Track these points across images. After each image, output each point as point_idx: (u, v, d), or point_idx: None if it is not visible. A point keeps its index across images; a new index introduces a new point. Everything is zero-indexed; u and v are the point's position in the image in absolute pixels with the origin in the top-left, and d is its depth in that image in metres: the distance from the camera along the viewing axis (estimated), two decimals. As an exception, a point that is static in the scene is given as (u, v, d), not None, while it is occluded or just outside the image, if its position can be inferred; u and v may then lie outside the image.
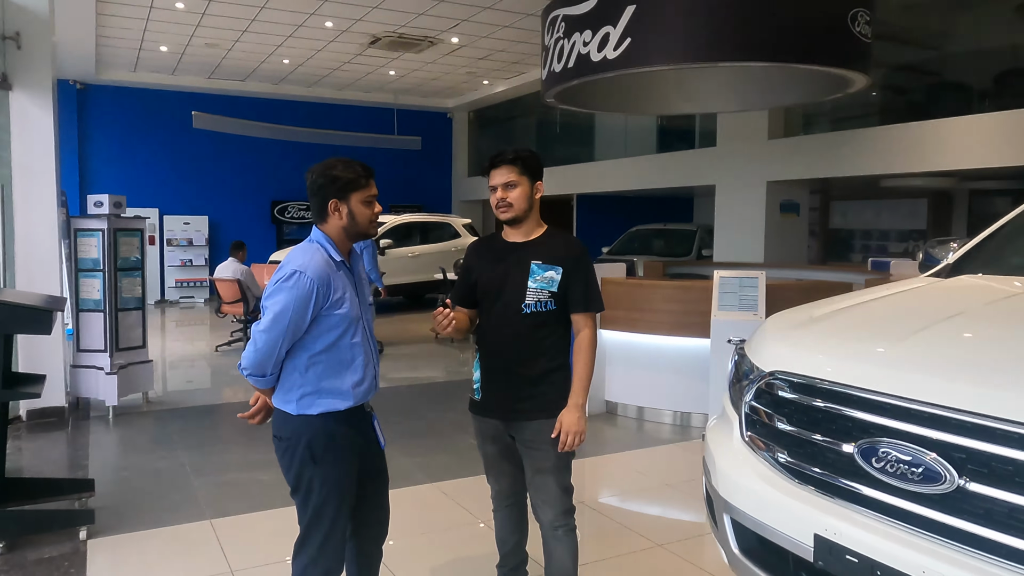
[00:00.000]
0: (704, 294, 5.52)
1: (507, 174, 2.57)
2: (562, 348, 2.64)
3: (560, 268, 2.57)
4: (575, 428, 2.52)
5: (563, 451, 2.54)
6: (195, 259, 14.90)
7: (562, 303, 2.59)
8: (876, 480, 1.78)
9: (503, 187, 2.57)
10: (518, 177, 2.57)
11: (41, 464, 4.87)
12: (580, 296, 2.60)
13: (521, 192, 2.57)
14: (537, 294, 2.56)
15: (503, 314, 2.58)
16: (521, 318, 2.56)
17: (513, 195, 2.57)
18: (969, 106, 8.72)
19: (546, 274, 2.57)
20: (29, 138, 5.73)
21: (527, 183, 2.59)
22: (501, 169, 2.58)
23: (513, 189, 2.57)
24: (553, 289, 2.56)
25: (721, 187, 10.95)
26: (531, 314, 2.56)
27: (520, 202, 2.57)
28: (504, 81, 14.46)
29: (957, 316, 2.15)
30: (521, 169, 2.58)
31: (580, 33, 5.47)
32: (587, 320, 2.62)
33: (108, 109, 14.31)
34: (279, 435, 2.38)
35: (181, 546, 3.62)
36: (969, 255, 2.80)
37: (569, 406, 2.55)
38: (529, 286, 2.56)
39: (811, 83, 6.18)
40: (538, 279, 2.56)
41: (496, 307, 2.60)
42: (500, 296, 2.60)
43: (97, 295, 6.01)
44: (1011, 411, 1.58)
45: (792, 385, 2.06)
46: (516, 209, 2.58)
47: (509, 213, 2.59)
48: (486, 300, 2.63)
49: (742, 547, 2.14)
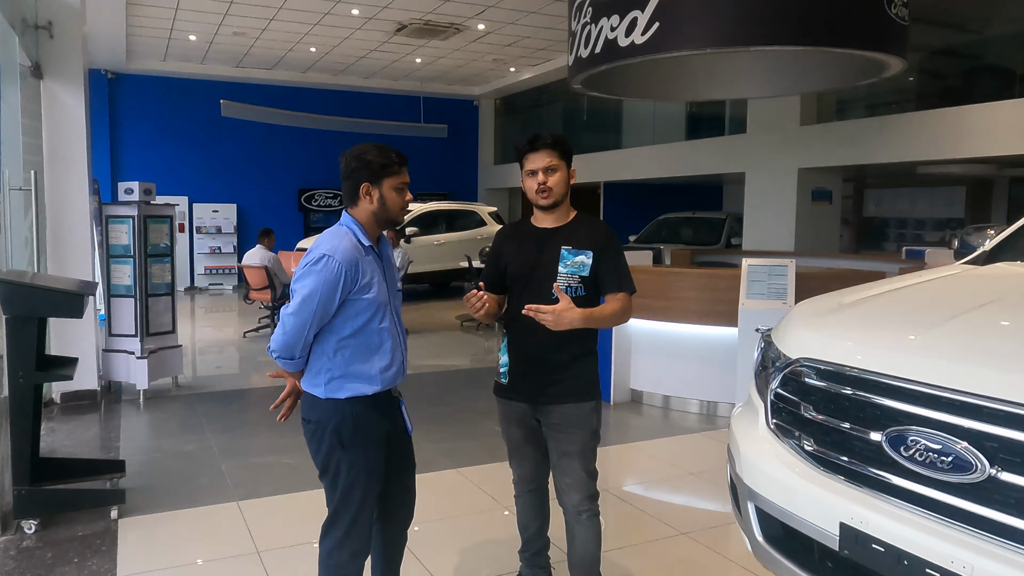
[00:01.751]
0: (732, 282, 5.45)
1: (548, 158, 2.54)
2: (591, 334, 2.62)
3: (591, 253, 2.55)
4: (563, 313, 2.38)
5: (528, 312, 2.40)
6: (224, 246, 15.09)
7: (592, 288, 2.58)
8: (904, 469, 1.74)
9: (544, 171, 2.54)
10: (558, 161, 2.55)
11: (74, 445, 4.99)
12: (612, 279, 2.58)
13: (561, 177, 2.56)
14: (567, 279, 2.54)
15: (533, 299, 2.55)
16: (551, 303, 2.54)
17: (553, 179, 2.54)
18: (1010, 90, 8.45)
19: (577, 259, 2.55)
20: (61, 126, 5.83)
21: (565, 168, 2.58)
22: (541, 153, 2.54)
23: (554, 174, 2.54)
24: (584, 274, 2.55)
25: (751, 174, 10.79)
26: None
27: (559, 187, 2.55)
28: (531, 68, 14.37)
29: (991, 304, 2.09)
30: (560, 154, 2.56)
31: (607, 18, 5.39)
32: (622, 299, 2.58)
33: (138, 98, 14.51)
34: (308, 418, 2.39)
35: (209, 526, 3.68)
36: (1006, 242, 2.72)
37: (576, 309, 2.42)
38: (560, 271, 2.55)
39: (845, 67, 6.04)
40: (568, 264, 2.55)
41: (526, 292, 2.58)
42: (530, 281, 2.58)
43: (128, 281, 6.11)
44: (1048, 399, 1.53)
45: (819, 372, 2.02)
46: (556, 194, 2.56)
47: (550, 198, 2.56)
48: (516, 285, 2.62)
49: (766, 535, 2.11)
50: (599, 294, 2.61)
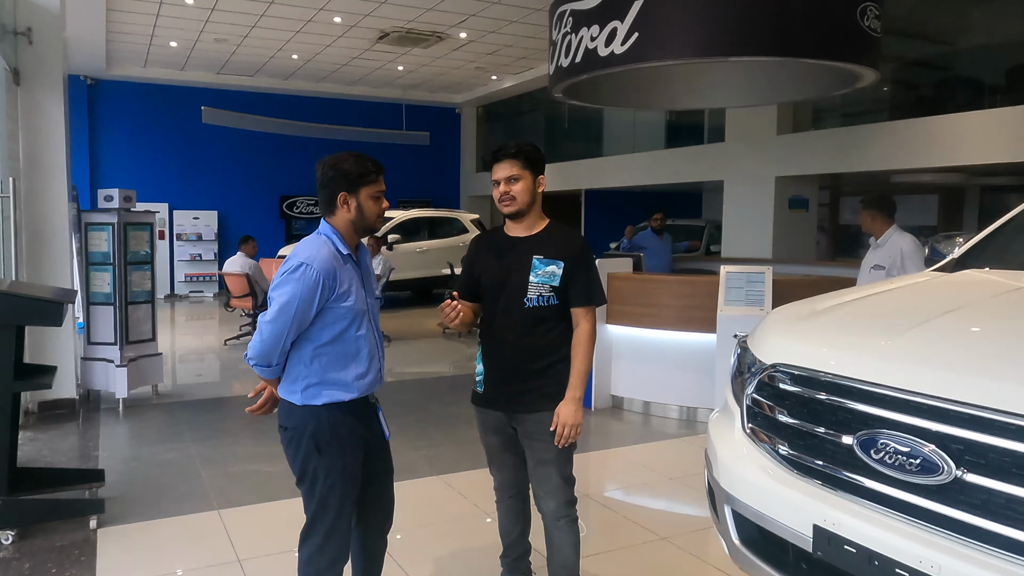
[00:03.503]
0: (711, 289, 5.52)
1: (510, 168, 2.58)
2: (564, 341, 2.65)
3: (562, 263, 2.58)
4: (572, 420, 2.54)
5: (559, 445, 2.56)
6: (204, 254, 14.99)
7: (563, 297, 2.60)
8: (875, 471, 1.79)
9: (506, 181, 2.58)
10: (521, 171, 2.58)
11: (52, 454, 4.93)
12: (582, 290, 2.61)
13: (524, 186, 2.59)
14: (539, 288, 2.58)
15: (506, 308, 2.60)
16: (523, 312, 2.58)
17: (516, 188, 2.58)
18: (981, 101, 8.66)
19: (547, 268, 2.58)
20: (40, 133, 5.78)
21: (530, 177, 2.60)
22: (504, 163, 2.59)
23: (516, 183, 2.58)
24: (555, 284, 2.58)
25: (730, 182, 10.92)
26: (533, 308, 2.58)
27: (523, 196, 2.59)
28: (513, 76, 14.45)
29: (958, 310, 2.15)
30: (524, 163, 2.59)
31: (587, 28, 5.46)
32: (587, 314, 2.63)
33: (119, 104, 14.41)
34: (284, 425, 2.41)
35: (189, 535, 3.66)
36: (975, 250, 2.79)
37: (567, 398, 2.57)
38: (531, 280, 2.58)
39: (820, 78, 6.15)
40: (540, 273, 2.58)
41: (499, 301, 2.62)
42: (503, 290, 2.62)
43: (107, 288, 6.07)
44: (1009, 402, 1.58)
45: (793, 377, 2.07)
46: (519, 203, 2.59)
47: (512, 207, 2.60)
48: (489, 294, 2.65)
49: (743, 538, 2.15)
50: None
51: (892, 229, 4.74)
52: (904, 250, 4.60)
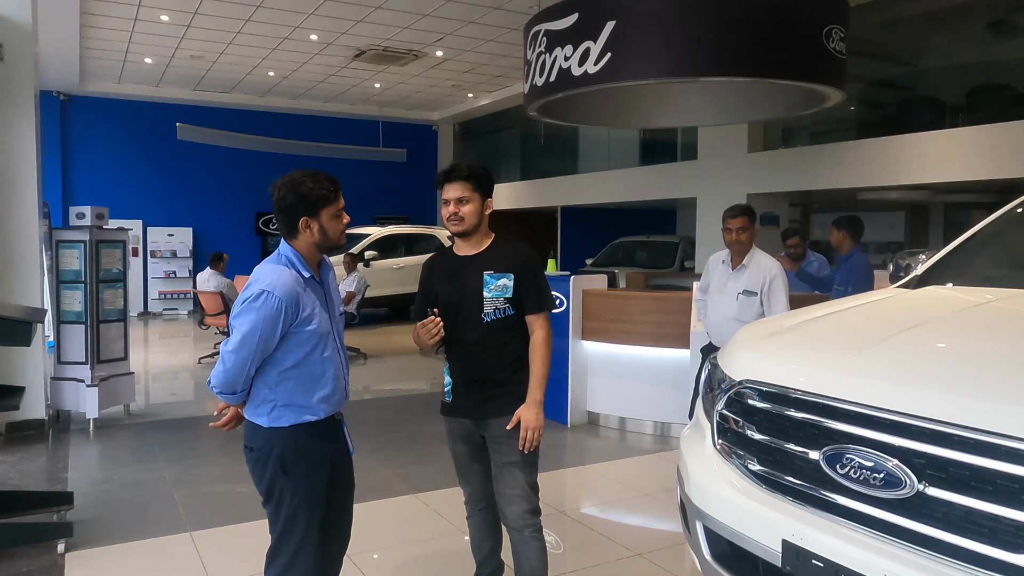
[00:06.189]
0: (684, 305, 5.58)
1: (460, 190, 2.65)
2: (526, 348, 2.73)
3: (511, 275, 2.66)
4: (534, 424, 2.62)
5: (523, 449, 2.62)
6: (179, 271, 14.82)
7: (519, 307, 2.69)
8: (841, 486, 1.83)
9: (456, 202, 2.65)
10: (471, 193, 2.66)
11: (19, 477, 4.83)
12: (533, 298, 2.70)
13: (472, 208, 2.66)
14: (494, 302, 2.66)
15: (465, 325, 2.68)
16: (483, 327, 2.66)
17: (465, 210, 2.65)
18: (943, 121, 8.88)
19: (499, 282, 2.66)
20: (10, 149, 5.71)
21: (479, 199, 2.68)
22: (456, 184, 2.66)
23: (465, 204, 2.65)
24: (508, 295, 2.66)
25: (703, 199, 11.07)
26: (492, 321, 2.66)
27: (471, 217, 2.66)
28: (488, 94, 14.55)
29: (919, 326, 2.21)
30: (474, 186, 2.66)
31: (561, 48, 5.54)
32: (541, 320, 2.72)
33: (92, 120, 14.25)
34: (250, 446, 2.40)
35: (161, 558, 3.60)
36: (937, 266, 2.87)
37: (528, 403, 2.64)
38: (485, 296, 2.66)
39: (788, 98, 6.28)
40: (492, 288, 2.66)
41: (458, 319, 2.69)
42: (460, 308, 2.69)
43: (79, 307, 5.99)
44: (968, 418, 1.63)
45: (761, 394, 2.11)
46: (467, 224, 2.67)
47: (460, 227, 2.68)
48: (448, 314, 2.69)
49: (714, 553, 2.18)
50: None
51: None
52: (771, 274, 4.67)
